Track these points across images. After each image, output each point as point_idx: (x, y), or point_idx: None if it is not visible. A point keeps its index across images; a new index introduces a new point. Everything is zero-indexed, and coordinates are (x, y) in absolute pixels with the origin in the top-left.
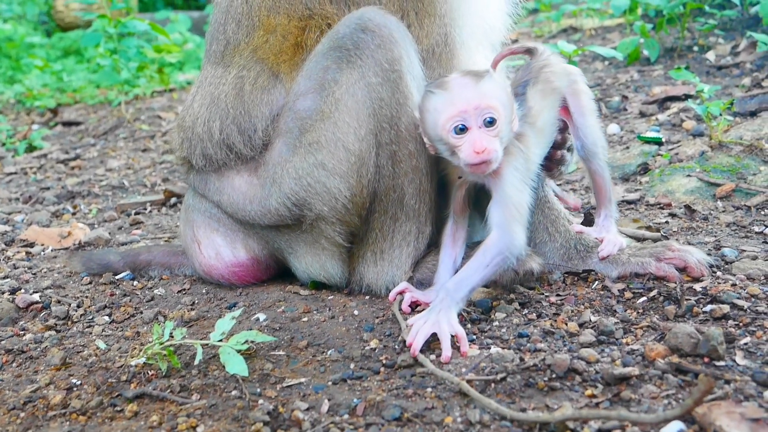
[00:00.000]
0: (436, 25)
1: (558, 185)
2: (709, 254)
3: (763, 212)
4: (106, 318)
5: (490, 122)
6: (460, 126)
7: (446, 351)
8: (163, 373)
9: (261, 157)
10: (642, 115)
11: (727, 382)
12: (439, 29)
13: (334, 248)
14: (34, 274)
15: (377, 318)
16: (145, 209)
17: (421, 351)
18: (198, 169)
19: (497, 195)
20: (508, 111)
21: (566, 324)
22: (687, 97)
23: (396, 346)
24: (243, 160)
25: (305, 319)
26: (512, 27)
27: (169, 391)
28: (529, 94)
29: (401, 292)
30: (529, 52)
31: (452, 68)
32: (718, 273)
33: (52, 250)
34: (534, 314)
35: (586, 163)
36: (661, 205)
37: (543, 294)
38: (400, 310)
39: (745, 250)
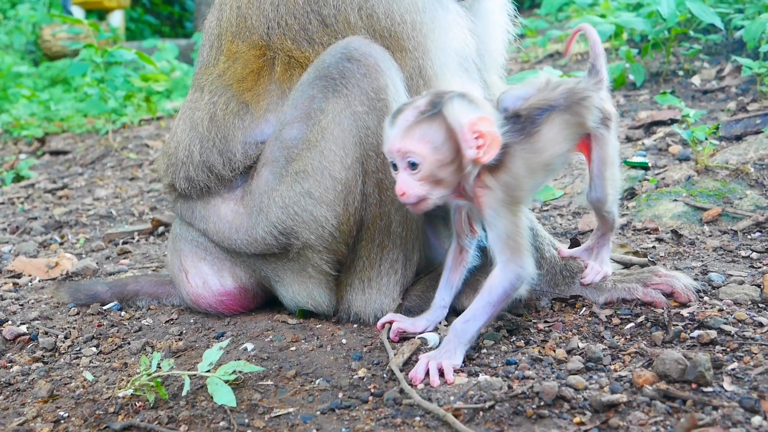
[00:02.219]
0: (408, 58)
1: (545, 210)
2: (695, 279)
3: (749, 236)
4: (94, 349)
5: (413, 165)
6: (392, 163)
7: (434, 377)
8: (151, 405)
9: (247, 186)
10: (628, 139)
11: (715, 408)
12: (411, 62)
13: (321, 276)
14: (22, 305)
15: (365, 346)
16: (133, 238)
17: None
18: (184, 196)
19: (489, 230)
20: (446, 154)
21: (554, 351)
22: (673, 121)
23: (384, 375)
24: (225, 185)
25: (293, 348)
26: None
27: (156, 422)
28: (546, 119)
29: (389, 322)
30: (590, 70)
31: None
32: (705, 298)
33: (39, 281)
34: (522, 341)
35: (593, 206)
36: (648, 230)
37: (531, 321)
38: (389, 338)
39: (731, 275)
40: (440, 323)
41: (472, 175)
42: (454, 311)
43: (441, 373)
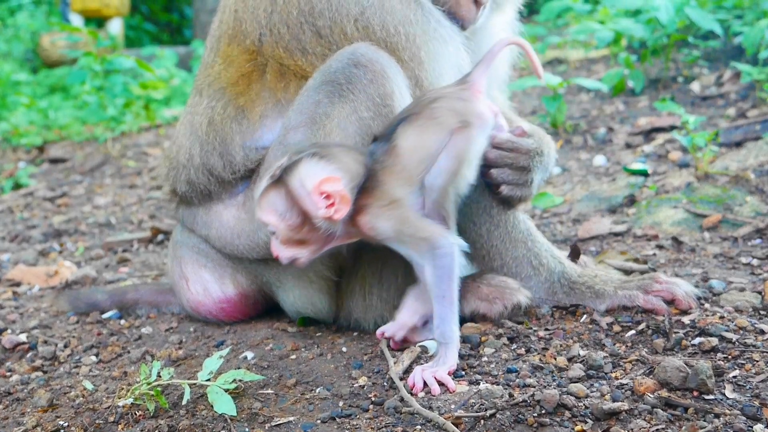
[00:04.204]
0: (405, 68)
1: (545, 217)
2: (696, 286)
3: (749, 243)
4: (93, 358)
5: (272, 232)
6: None
7: (434, 385)
8: (151, 414)
9: (249, 191)
10: (628, 146)
11: (717, 416)
12: (408, 73)
13: (323, 282)
14: (21, 313)
15: (366, 354)
16: (132, 246)
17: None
18: (186, 202)
19: (392, 245)
20: (294, 219)
21: (555, 358)
22: (672, 128)
23: (385, 383)
24: (226, 189)
25: (293, 356)
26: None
27: (157, 431)
28: (398, 132)
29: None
30: (463, 77)
31: None
32: (706, 305)
33: (38, 289)
34: (523, 349)
35: (428, 194)
36: (648, 237)
37: (531, 328)
38: (389, 346)
39: (732, 282)
40: None
41: (339, 224)
42: None
43: (440, 383)
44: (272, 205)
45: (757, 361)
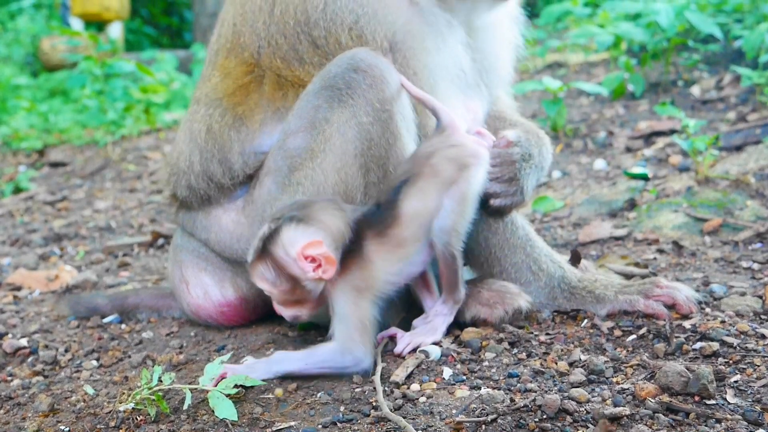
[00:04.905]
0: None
1: (545, 221)
2: (697, 291)
3: (750, 247)
4: (94, 362)
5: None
6: None
7: None
8: (152, 419)
9: (248, 196)
10: (628, 150)
11: (718, 420)
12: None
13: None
14: (22, 318)
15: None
16: (133, 251)
17: (410, 390)
18: (186, 206)
19: (333, 309)
20: (285, 284)
21: (556, 363)
22: (672, 131)
23: (386, 388)
24: (225, 194)
25: None
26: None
27: None
28: (401, 196)
29: (391, 336)
30: (436, 123)
31: (426, 113)
32: (707, 310)
33: (39, 294)
34: (524, 354)
35: (433, 243)
36: (649, 241)
37: (532, 333)
38: (391, 351)
39: (733, 286)
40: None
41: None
42: (457, 324)
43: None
44: (262, 275)
45: (759, 366)
